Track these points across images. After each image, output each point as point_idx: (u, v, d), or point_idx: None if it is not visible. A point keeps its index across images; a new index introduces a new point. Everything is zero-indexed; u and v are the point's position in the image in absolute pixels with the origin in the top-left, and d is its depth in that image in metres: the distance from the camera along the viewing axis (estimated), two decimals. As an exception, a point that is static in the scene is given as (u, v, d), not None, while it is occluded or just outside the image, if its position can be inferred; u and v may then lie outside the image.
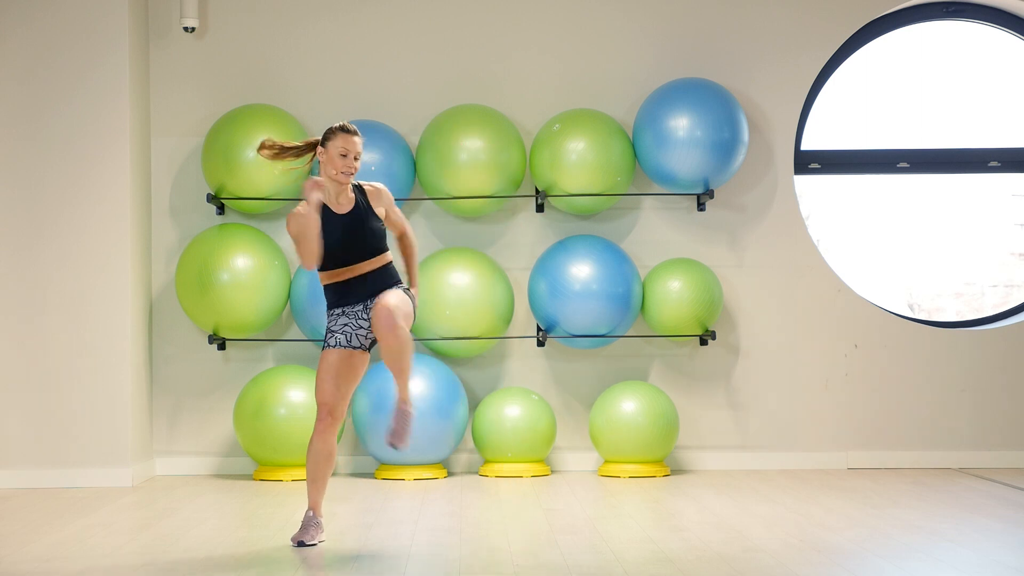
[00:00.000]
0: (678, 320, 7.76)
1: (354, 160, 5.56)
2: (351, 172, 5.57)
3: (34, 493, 7.20)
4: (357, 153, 5.57)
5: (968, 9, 8.44)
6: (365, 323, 5.60)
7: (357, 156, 5.58)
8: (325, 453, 5.58)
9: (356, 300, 5.60)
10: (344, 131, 5.57)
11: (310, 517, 5.59)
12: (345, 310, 5.62)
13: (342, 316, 5.62)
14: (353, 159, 5.56)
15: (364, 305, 5.60)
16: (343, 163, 5.55)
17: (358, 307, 5.61)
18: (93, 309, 7.49)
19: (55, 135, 7.50)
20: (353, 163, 5.56)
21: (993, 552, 5.40)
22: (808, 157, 8.38)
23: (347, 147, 5.55)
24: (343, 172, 5.55)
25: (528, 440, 7.61)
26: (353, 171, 5.57)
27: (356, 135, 5.59)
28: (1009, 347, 8.22)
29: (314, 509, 5.61)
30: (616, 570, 5.02)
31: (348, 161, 5.55)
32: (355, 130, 5.60)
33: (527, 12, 8.15)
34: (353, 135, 5.58)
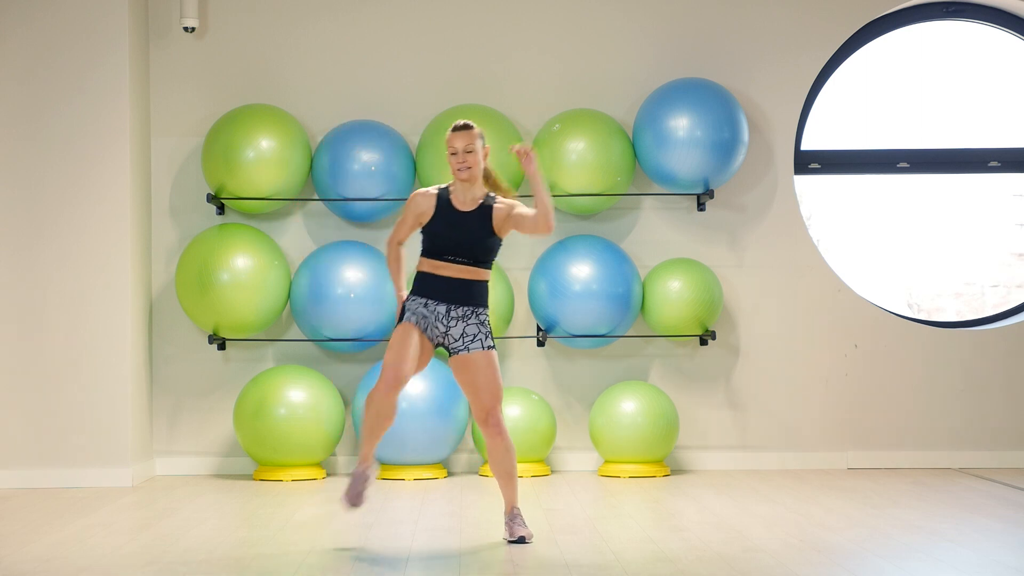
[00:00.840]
0: (678, 320, 7.76)
1: (465, 154, 5.52)
2: (466, 167, 5.52)
3: (34, 493, 7.20)
4: (467, 147, 5.52)
5: (968, 9, 8.44)
6: (442, 327, 5.57)
7: (469, 150, 5.52)
8: (387, 413, 5.53)
9: (442, 299, 5.57)
10: (453, 130, 5.56)
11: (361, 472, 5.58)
12: (428, 303, 5.58)
13: (424, 308, 5.57)
14: (464, 153, 5.52)
15: (447, 308, 5.56)
16: (455, 161, 5.54)
17: (441, 307, 5.57)
18: (93, 309, 7.49)
19: (55, 135, 7.50)
20: (464, 157, 5.52)
21: (993, 552, 5.40)
22: (808, 157, 8.38)
23: (454, 144, 5.54)
24: (458, 170, 5.54)
25: (528, 440, 7.61)
26: (468, 165, 5.52)
27: (460, 129, 5.54)
28: (1009, 347, 8.22)
29: (366, 460, 5.60)
30: (616, 570, 5.02)
31: (458, 158, 5.53)
32: (461, 124, 5.55)
33: (527, 12, 8.15)
34: (460, 130, 5.54)
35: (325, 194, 7.83)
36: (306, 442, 7.53)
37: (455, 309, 5.57)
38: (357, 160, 7.70)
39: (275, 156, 7.66)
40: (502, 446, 5.60)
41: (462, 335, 5.56)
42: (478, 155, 5.55)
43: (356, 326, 7.66)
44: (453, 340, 5.58)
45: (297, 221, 8.05)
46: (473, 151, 5.53)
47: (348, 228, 8.04)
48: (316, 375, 7.70)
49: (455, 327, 5.57)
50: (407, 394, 7.48)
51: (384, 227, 8.02)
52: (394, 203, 7.83)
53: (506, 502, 5.68)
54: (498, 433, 5.58)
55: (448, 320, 5.57)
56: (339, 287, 7.60)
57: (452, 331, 5.57)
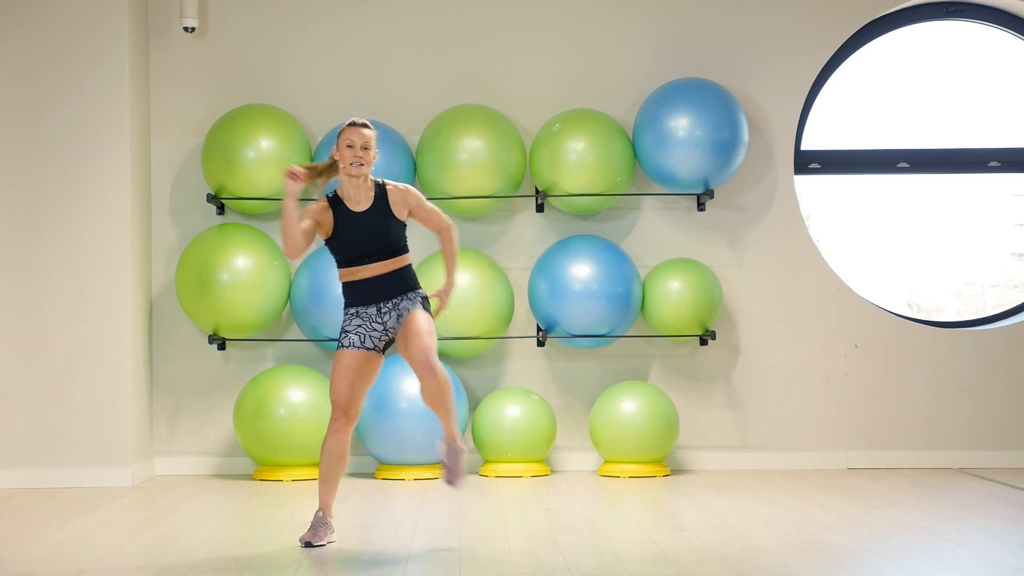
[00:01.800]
0: (678, 320, 7.76)
1: (362, 150, 5.49)
2: (360, 163, 5.49)
3: (34, 493, 7.20)
4: (365, 143, 5.49)
5: (968, 9, 8.44)
6: (379, 326, 5.57)
7: (366, 147, 5.50)
8: (338, 454, 5.55)
9: (370, 301, 5.57)
10: (351, 124, 5.53)
11: (320, 517, 5.58)
12: (359, 311, 5.58)
13: (356, 317, 5.58)
14: (361, 149, 5.49)
15: (378, 308, 5.56)
16: (350, 154, 5.49)
17: (371, 309, 5.57)
18: (93, 309, 7.49)
19: (55, 135, 7.50)
20: (361, 153, 5.48)
21: (993, 552, 5.40)
22: (808, 157, 8.38)
23: (352, 138, 5.49)
24: (351, 164, 5.49)
25: (528, 440, 7.61)
26: (362, 162, 5.49)
27: (363, 127, 5.52)
28: (1009, 347, 8.22)
29: (324, 509, 5.59)
30: (616, 570, 5.02)
31: (355, 152, 5.48)
32: (363, 122, 5.53)
33: (527, 12, 8.15)
34: (360, 127, 5.52)
35: (325, 194, 7.82)
36: (306, 442, 7.53)
37: (384, 304, 5.57)
38: (357, 160, 7.69)
39: (275, 156, 7.66)
40: (436, 386, 5.47)
41: (397, 318, 5.57)
42: (372, 153, 5.53)
43: (356, 326, 7.65)
44: (391, 329, 5.58)
45: (297, 221, 8.04)
46: (369, 148, 5.51)
47: (348, 228, 8.03)
48: (316, 375, 7.70)
49: (389, 318, 5.56)
50: (407, 394, 7.48)
51: (384, 227, 8.02)
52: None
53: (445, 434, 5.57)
54: (431, 373, 5.45)
55: (381, 316, 5.57)
56: (339, 287, 7.59)
57: (388, 323, 5.57)
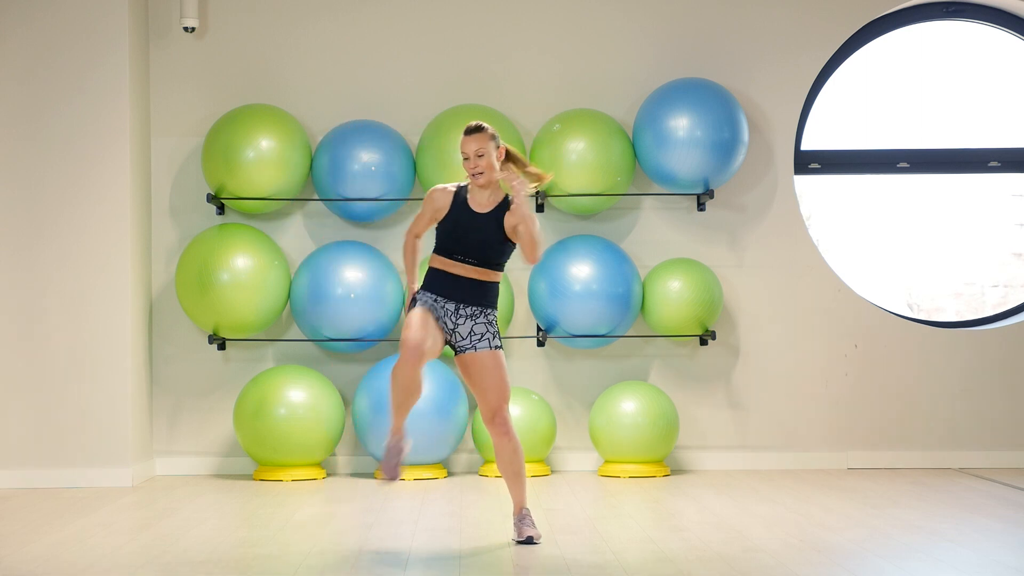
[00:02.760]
0: (678, 320, 7.76)
1: (477, 158, 5.46)
2: (477, 172, 5.47)
3: (34, 493, 7.20)
4: (477, 151, 5.46)
5: (968, 9, 8.44)
6: (451, 323, 5.55)
7: (480, 153, 5.46)
8: (415, 385, 5.45)
9: (452, 297, 5.55)
10: (464, 133, 5.51)
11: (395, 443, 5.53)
12: (438, 299, 5.56)
13: (435, 301, 5.55)
14: (476, 157, 5.47)
15: (457, 307, 5.54)
16: (467, 166, 5.50)
17: (451, 305, 5.55)
18: (93, 309, 7.49)
19: (55, 135, 7.50)
20: (476, 162, 5.47)
21: (993, 552, 5.40)
22: (808, 157, 8.38)
23: (465, 150, 5.49)
24: (471, 175, 5.50)
25: (528, 440, 7.60)
26: (479, 170, 5.47)
27: (474, 132, 5.48)
28: (1009, 347, 8.22)
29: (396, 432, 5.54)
30: (616, 570, 5.02)
31: (470, 163, 5.48)
32: (471, 127, 5.49)
33: (527, 12, 8.15)
34: (469, 134, 5.49)
35: (325, 194, 7.84)
36: (306, 442, 7.53)
37: (464, 308, 5.56)
38: (357, 160, 7.70)
39: (275, 156, 7.66)
40: (509, 446, 5.58)
41: (469, 334, 5.55)
42: (490, 158, 5.49)
43: (356, 326, 7.66)
44: (460, 338, 5.57)
45: (297, 221, 8.05)
46: (484, 154, 5.48)
47: (348, 228, 8.04)
48: (316, 375, 7.70)
49: (463, 325, 5.56)
50: (407, 394, 7.48)
51: (384, 227, 8.02)
52: (394, 203, 7.83)
53: (515, 503, 5.66)
54: (504, 433, 5.56)
55: (456, 318, 5.56)
56: (339, 287, 7.60)
57: (460, 329, 5.56)
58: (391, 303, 7.72)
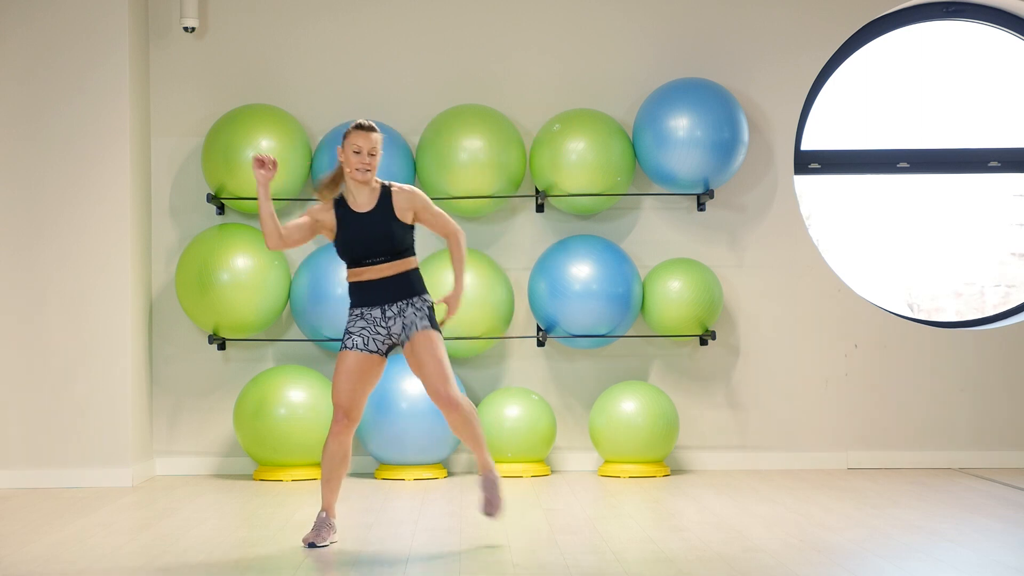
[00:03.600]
0: (678, 320, 7.76)
1: (369, 156, 5.48)
2: (366, 169, 5.49)
3: (34, 493, 7.20)
4: (371, 149, 5.49)
5: (968, 9, 8.44)
6: (383, 330, 5.55)
7: (372, 152, 5.49)
8: (340, 455, 5.55)
9: (374, 303, 5.55)
10: (358, 128, 5.51)
11: (323, 518, 5.57)
12: (363, 312, 5.57)
13: (360, 319, 5.57)
14: (368, 155, 5.48)
15: (382, 310, 5.55)
16: (357, 160, 5.49)
17: (375, 311, 5.55)
18: (93, 309, 7.49)
19: (55, 135, 7.50)
20: (368, 159, 5.48)
21: (993, 552, 5.40)
22: (808, 157, 8.38)
23: (360, 144, 5.49)
24: (357, 169, 5.49)
25: (528, 440, 7.60)
26: (368, 168, 5.49)
27: (371, 131, 5.50)
28: (1009, 347, 8.22)
29: (327, 510, 5.59)
30: (616, 570, 5.02)
31: (362, 158, 5.48)
32: (370, 126, 5.51)
33: (527, 12, 8.15)
34: (367, 131, 5.50)
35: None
36: (306, 442, 7.53)
37: (389, 308, 5.55)
38: (357, 160, 7.69)
39: (275, 156, 7.65)
40: (460, 418, 5.54)
41: (403, 327, 5.55)
42: (378, 159, 5.53)
43: (356, 326, 7.66)
44: (396, 335, 5.57)
45: (297, 221, 8.05)
46: (376, 154, 5.51)
47: (348, 228, 8.03)
48: (316, 375, 7.70)
49: (394, 324, 5.55)
50: (407, 394, 7.49)
51: (384, 227, 8.02)
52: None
53: (479, 464, 5.66)
54: (452, 407, 5.52)
55: (385, 321, 5.55)
56: (339, 287, 7.60)
57: (393, 328, 5.56)
58: (391, 303, 7.72)
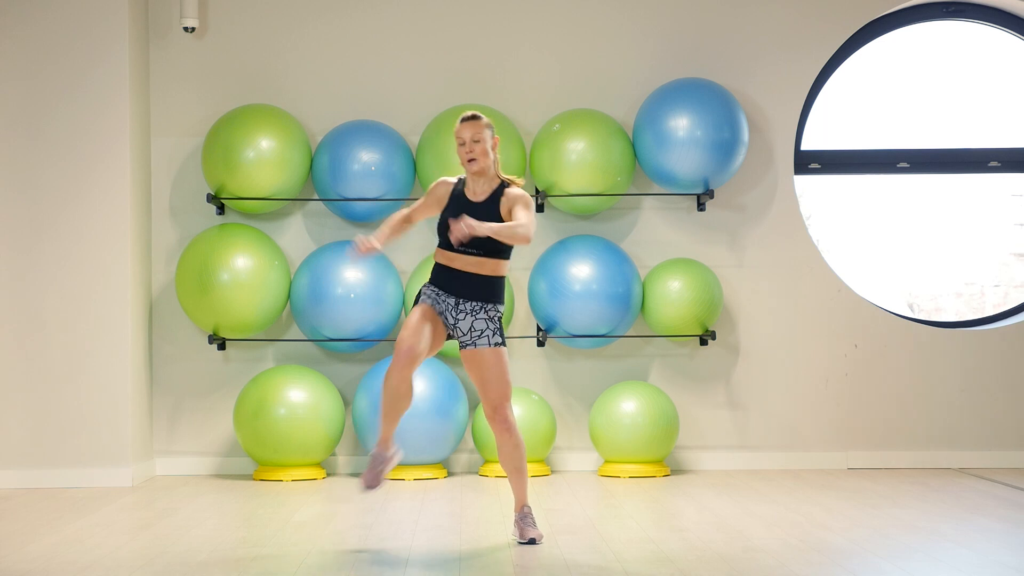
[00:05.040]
0: (678, 320, 7.76)
1: (473, 144, 5.50)
2: (471, 158, 5.51)
3: (34, 493, 7.20)
4: (474, 136, 5.49)
5: (968, 9, 8.44)
6: (451, 318, 5.57)
7: (476, 139, 5.49)
8: (404, 390, 5.50)
9: (453, 292, 5.57)
10: (460, 120, 5.54)
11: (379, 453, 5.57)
12: (440, 293, 5.58)
13: (437, 295, 5.58)
14: (473, 143, 5.50)
15: (457, 301, 5.56)
16: (462, 152, 5.53)
17: (451, 299, 5.57)
18: (93, 309, 7.49)
19: (55, 135, 7.50)
20: (472, 148, 5.50)
21: (993, 552, 5.40)
22: (808, 157, 8.38)
23: (461, 135, 5.53)
24: (466, 161, 5.53)
25: (528, 440, 7.60)
26: (473, 156, 5.50)
27: (467, 119, 5.52)
28: (1009, 347, 8.22)
29: (384, 443, 5.58)
30: (616, 570, 5.02)
31: (465, 149, 5.52)
32: (469, 115, 5.53)
33: (527, 12, 8.15)
34: (466, 121, 5.52)
35: (325, 194, 7.84)
36: (306, 442, 7.53)
37: (464, 303, 5.56)
38: (357, 160, 7.70)
39: (275, 156, 7.66)
40: (510, 442, 5.58)
41: (470, 329, 5.56)
42: (485, 145, 5.52)
43: (356, 326, 7.66)
44: (461, 333, 5.58)
45: (297, 221, 8.05)
46: (480, 141, 5.51)
47: (348, 228, 8.04)
48: (316, 375, 7.70)
49: (463, 320, 5.56)
50: (407, 394, 7.49)
51: (384, 227, 8.02)
52: (394, 203, 7.83)
53: (516, 500, 5.66)
54: (506, 429, 5.56)
55: (456, 313, 5.57)
56: (339, 287, 7.60)
57: (460, 324, 5.57)
58: (391, 303, 7.72)
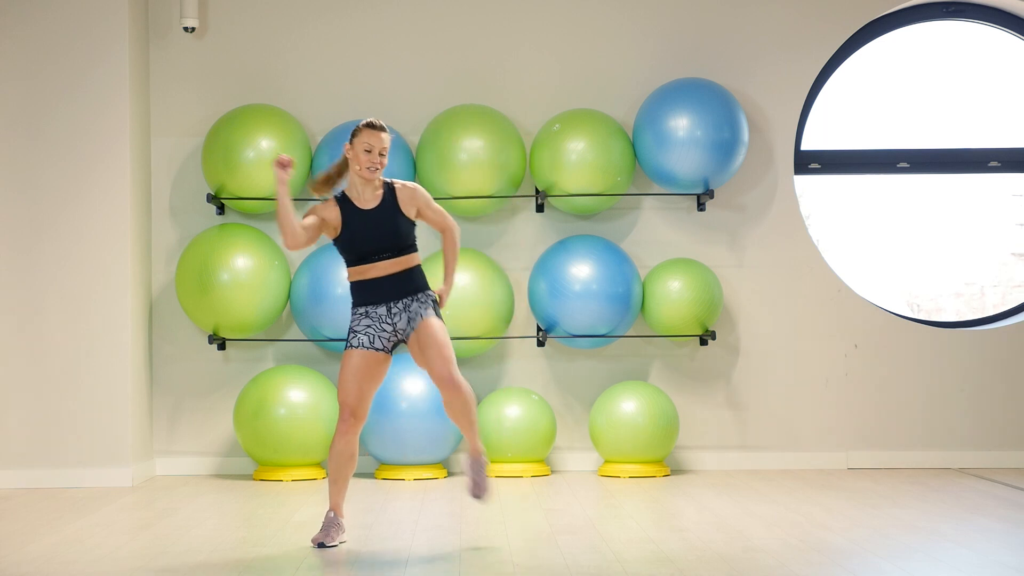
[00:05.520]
0: (678, 320, 7.76)
1: (379, 156, 5.55)
2: (376, 168, 5.55)
3: (34, 493, 7.20)
4: (382, 149, 5.56)
5: (968, 9, 8.44)
6: (388, 326, 5.58)
7: (383, 152, 5.56)
8: (348, 454, 5.57)
9: (380, 300, 5.58)
10: (369, 127, 5.57)
11: (331, 518, 5.58)
12: (368, 310, 5.59)
13: (365, 317, 5.59)
14: (378, 155, 5.55)
15: (388, 307, 5.58)
16: (367, 159, 5.55)
17: (381, 309, 5.58)
18: (93, 309, 7.49)
19: (55, 135, 7.50)
20: (378, 159, 5.55)
21: (993, 552, 5.40)
22: (808, 157, 8.38)
23: (371, 142, 5.55)
24: (367, 168, 5.55)
25: (528, 440, 7.60)
26: (378, 167, 5.56)
27: (382, 131, 5.57)
28: (1009, 347, 8.22)
29: (335, 510, 5.60)
30: (616, 570, 5.02)
31: (372, 157, 5.55)
32: (381, 125, 5.58)
33: (527, 12, 8.15)
34: (378, 131, 5.56)
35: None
36: (306, 442, 7.54)
37: (394, 304, 5.59)
38: (357, 160, 7.70)
39: (275, 156, 7.66)
40: (461, 398, 5.57)
41: (408, 320, 5.58)
42: (386, 158, 5.60)
43: (356, 326, 7.65)
44: (402, 331, 5.59)
45: (297, 221, 8.04)
46: (385, 154, 5.59)
47: (348, 228, 8.03)
48: (316, 375, 7.70)
49: (400, 319, 5.58)
50: (407, 394, 7.49)
51: (384, 227, 8.02)
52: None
53: (471, 447, 5.69)
54: (456, 387, 5.54)
55: (391, 317, 5.58)
56: (339, 287, 7.60)
57: (398, 324, 5.59)
58: (391, 303, 7.72)
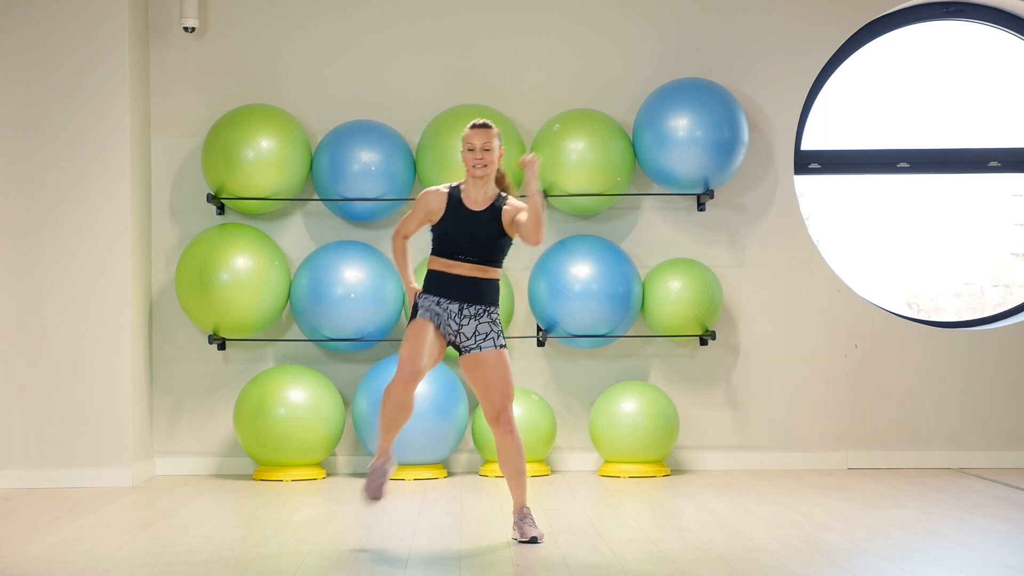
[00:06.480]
0: (678, 320, 7.76)
1: (483, 152, 5.53)
2: (482, 164, 5.54)
3: (34, 493, 7.20)
4: (484, 144, 5.54)
5: (968, 9, 8.44)
6: (455, 324, 5.58)
7: (486, 147, 5.54)
8: (405, 406, 5.53)
9: (455, 298, 5.58)
10: (472, 126, 5.57)
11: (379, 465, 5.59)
12: (441, 300, 5.59)
13: (436, 305, 5.58)
14: (481, 150, 5.53)
15: (460, 307, 5.58)
16: (471, 157, 5.55)
17: (454, 306, 5.58)
18: (93, 309, 7.49)
19: (55, 135, 7.50)
20: (482, 155, 5.54)
21: (993, 552, 5.40)
22: (808, 157, 8.38)
23: (472, 141, 5.55)
24: (474, 166, 5.55)
25: (528, 440, 7.60)
26: (484, 163, 5.54)
27: (480, 127, 5.56)
28: (1009, 347, 8.22)
29: (383, 454, 5.60)
30: (616, 570, 5.02)
31: (475, 155, 5.54)
32: (481, 123, 5.56)
33: (527, 12, 8.15)
34: (476, 128, 5.56)
35: (325, 194, 7.84)
36: (306, 442, 7.53)
37: (467, 307, 5.58)
38: (357, 160, 7.70)
39: (275, 156, 7.66)
40: (512, 445, 5.60)
41: (474, 333, 5.57)
42: (494, 154, 5.56)
43: (356, 326, 7.66)
44: (465, 339, 5.59)
45: (297, 221, 8.05)
46: (490, 149, 5.55)
47: (348, 228, 8.04)
48: (316, 375, 7.70)
49: (467, 325, 5.58)
50: (407, 394, 7.49)
51: (384, 227, 8.02)
52: (394, 203, 7.83)
53: (515, 502, 5.67)
54: (508, 432, 5.58)
55: (460, 318, 5.58)
56: (339, 287, 7.60)
57: (464, 329, 5.58)
58: (391, 303, 7.72)
